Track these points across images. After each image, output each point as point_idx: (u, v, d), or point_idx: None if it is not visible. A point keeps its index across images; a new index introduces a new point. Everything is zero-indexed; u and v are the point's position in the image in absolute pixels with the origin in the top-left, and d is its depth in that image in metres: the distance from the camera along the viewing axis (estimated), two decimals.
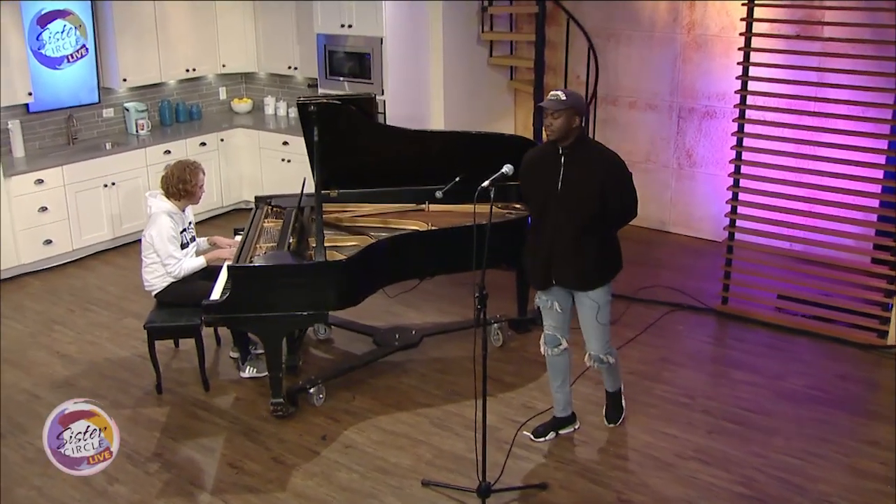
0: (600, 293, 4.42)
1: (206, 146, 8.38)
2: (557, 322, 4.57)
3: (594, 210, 4.22)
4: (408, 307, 6.41)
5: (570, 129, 4.16)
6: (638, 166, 8.12)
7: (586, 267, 4.36)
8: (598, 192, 4.20)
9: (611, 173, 4.23)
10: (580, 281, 4.41)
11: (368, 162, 5.62)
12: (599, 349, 4.56)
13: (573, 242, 4.30)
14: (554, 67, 8.33)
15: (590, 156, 4.26)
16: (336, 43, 7.68)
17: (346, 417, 5.03)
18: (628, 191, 4.34)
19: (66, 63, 7.59)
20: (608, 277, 4.44)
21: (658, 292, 6.65)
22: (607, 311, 4.48)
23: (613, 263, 4.47)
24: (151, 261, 5.29)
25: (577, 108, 4.17)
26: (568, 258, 4.34)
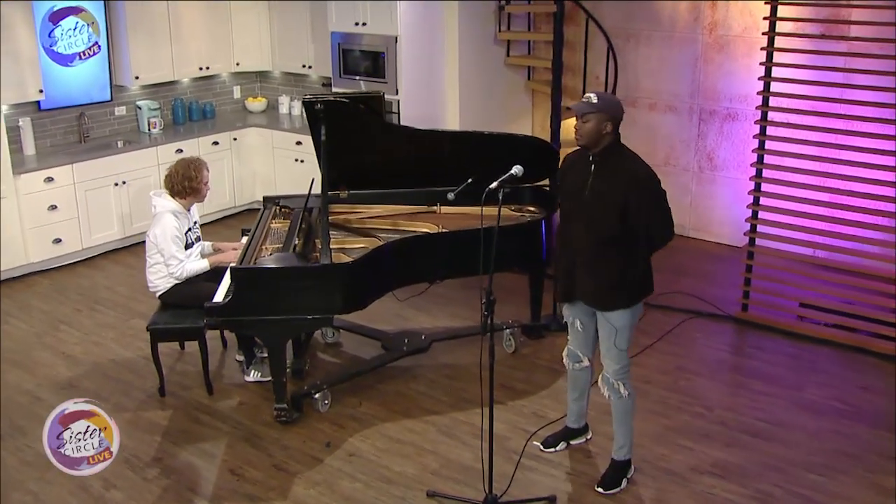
0: (619, 317, 4.07)
1: (219, 145, 8.30)
2: (579, 340, 4.36)
3: (613, 227, 3.91)
4: (419, 311, 6.29)
5: (599, 134, 3.87)
6: (657, 169, 7.72)
7: (604, 286, 4.04)
8: (620, 208, 3.87)
9: (635, 189, 3.86)
10: (596, 299, 4.11)
11: (378, 162, 5.50)
12: (612, 372, 4.22)
13: (592, 257, 4.03)
14: (573, 68, 8.17)
15: (619, 167, 3.92)
16: (350, 41, 7.58)
17: (351, 424, 4.91)
18: (657, 213, 3.95)
19: (78, 60, 7.53)
20: (629, 302, 4.06)
21: (676, 299, 6.48)
22: (626, 337, 4.12)
23: (637, 288, 4.08)
24: (155, 261, 5.20)
25: (609, 113, 3.86)
26: (587, 273, 4.07)
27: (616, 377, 4.21)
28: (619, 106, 3.96)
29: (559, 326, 5.99)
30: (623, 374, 4.22)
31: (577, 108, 3.89)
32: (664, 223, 4.00)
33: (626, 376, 4.23)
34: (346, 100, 4.82)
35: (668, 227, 4.02)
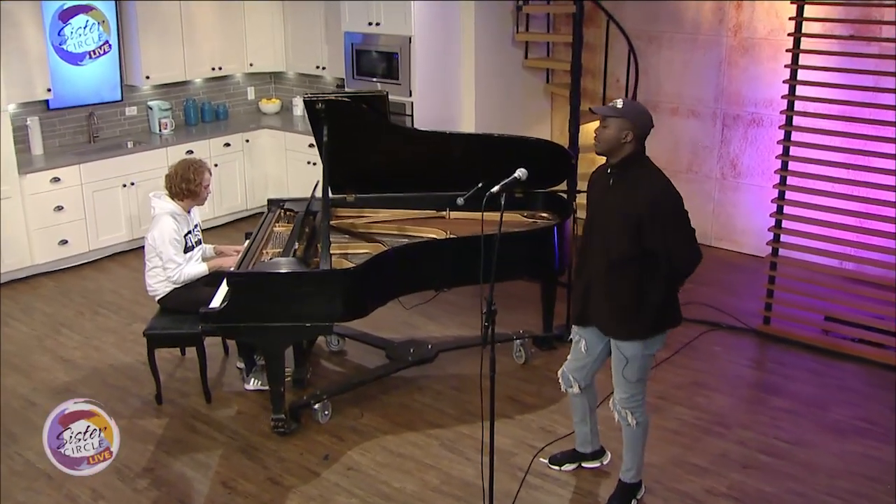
0: (631, 347, 3.76)
1: (231, 147, 8.19)
2: (578, 363, 4.08)
3: (628, 247, 3.63)
4: (428, 319, 6.12)
5: (618, 143, 3.59)
6: (679, 176, 7.73)
7: (617, 312, 3.76)
8: (634, 226, 3.58)
9: (650, 207, 3.55)
10: (609, 326, 3.84)
11: (385, 165, 5.35)
12: (621, 399, 3.94)
13: (607, 279, 3.75)
14: (592, 71, 7.99)
15: (637, 182, 3.62)
16: (363, 42, 7.43)
17: (351, 436, 4.74)
18: (676, 236, 3.63)
19: (88, 59, 7.45)
20: (644, 332, 3.74)
21: (695, 310, 6.25)
22: (636, 369, 3.82)
23: (655, 317, 3.74)
24: (154, 265, 5.07)
25: (633, 122, 3.57)
26: (602, 296, 3.79)
27: (624, 405, 3.94)
28: (647, 117, 3.65)
29: None
30: (632, 403, 3.93)
31: (599, 110, 3.65)
32: (686, 248, 3.67)
33: (636, 406, 3.94)
34: (347, 99, 4.65)
35: (691, 251, 3.69)
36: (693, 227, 3.75)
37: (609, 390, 4.10)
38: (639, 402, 3.94)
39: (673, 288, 3.80)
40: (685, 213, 3.68)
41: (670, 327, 3.84)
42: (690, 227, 3.71)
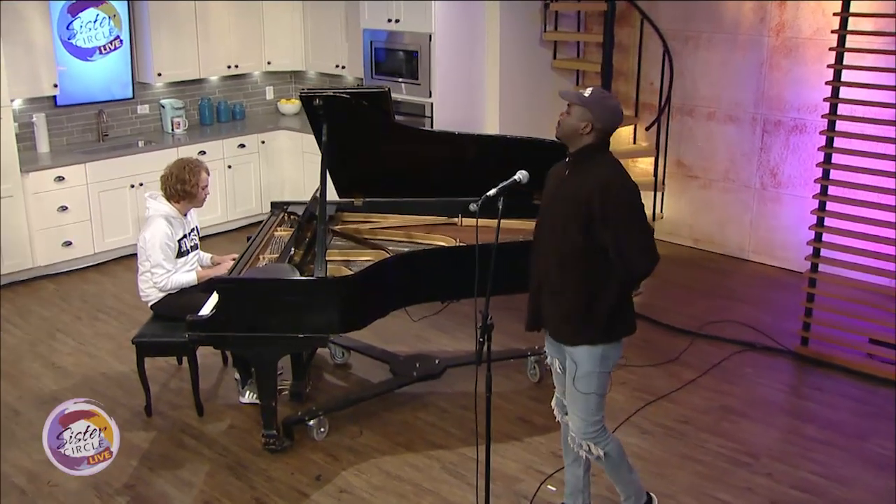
0: (584, 353, 3.48)
1: (245, 148, 8.05)
2: (562, 385, 3.74)
3: (574, 239, 3.37)
4: (440, 332, 5.89)
5: (576, 132, 3.39)
6: (715, 185, 7.44)
7: (564, 313, 3.49)
8: (582, 216, 3.33)
9: (601, 196, 3.30)
10: (556, 329, 3.57)
11: (393, 167, 5.14)
12: (577, 428, 3.58)
13: (555, 277, 3.48)
14: (625, 73, 7.73)
15: (591, 171, 3.39)
16: (382, 40, 7.25)
17: (347, 456, 4.52)
18: (628, 230, 3.33)
19: (98, 55, 7.36)
20: (593, 337, 3.46)
21: (728, 328, 5.97)
22: (592, 381, 3.49)
23: (606, 323, 3.45)
24: (146, 268, 4.92)
25: (594, 114, 3.34)
26: (550, 296, 3.53)
27: (583, 436, 3.58)
28: (612, 112, 3.40)
29: None
30: (591, 432, 3.57)
31: (565, 94, 3.47)
32: (639, 245, 3.36)
33: (596, 434, 3.59)
34: (346, 95, 4.45)
35: (644, 250, 3.37)
36: (650, 225, 3.53)
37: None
38: (598, 429, 3.60)
39: (626, 291, 3.52)
40: (640, 208, 3.40)
41: (625, 335, 3.54)
42: (645, 223, 3.44)
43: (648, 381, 5.28)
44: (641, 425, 4.81)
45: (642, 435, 4.71)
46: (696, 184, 7.59)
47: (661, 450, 4.58)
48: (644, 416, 4.91)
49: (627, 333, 3.54)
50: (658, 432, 4.75)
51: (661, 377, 5.35)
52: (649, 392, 5.16)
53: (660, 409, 4.99)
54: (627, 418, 4.86)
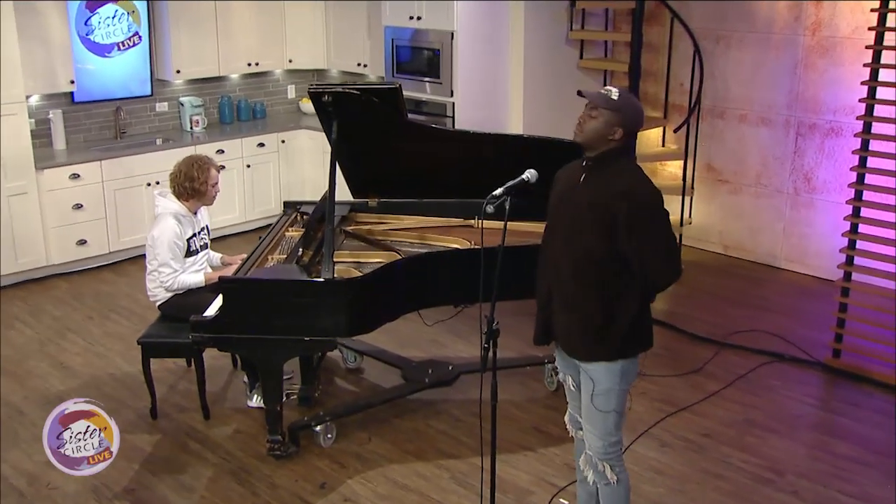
0: (601, 370, 3.30)
1: (265, 147, 8.01)
2: (576, 403, 3.56)
3: (595, 248, 3.19)
4: (456, 337, 5.80)
5: (602, 137, 3.18)
6: (746, 190, 7.27)
7: (581, 328, 3.30)
8: (605, 224, 3.15)
9: (626, 203, 3.12)
10: (571, 344, 3.38)
11: (408, 167, 5.05)
12: (595, 447, 3.41)
13: (571, 289, 3.30)
14: (654, 73, 7.59)
15: (613, 176, 3.20)
16: (404, 37, 7.18)
17: (354, 463, 4.44)
18: (654, 239, 3.18)
19: (117, 51, 7.36)
20: (612, 353, 3.28)
21: (756, 338, 5.81)
22: (611, 399, 3.32)
23: (626, 337, 3.28)
24: (153, 267, 4.87)
25: (625, 118, 3.17)
26: (564, 308, 3.34)
27: (600, 456, 3.41)
28: (641, 114, 3.26)
29: None
30: (610, 452, 3.41)
31: (591, 96, 3.23)
32: (665, 255, 3.22)
33: (614, 455, 3.42)
34: (356, 91, 4.37)
35: (668, 262, 3.23)
36: (675, 235, 3.34)
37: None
38: (616, 450, 3.42)
39: (646, 303, 3.36)
40: (665, 216, 3.23)
41: (642, 350, 3.38)
42: (671, 233, 3.28)
43: (670, 392, 5.14)
44: (661, 438, 4.68)
45: (662, 448, 4.58)
46: (726, 188, 7.42)
47: (681, 464, 4.44)
48: (664, 428, 4.78)
49: (646, 348, 3.37)
50: (678, 445, 4.61)
51: (683, 388, 5.21)
52: (671, 403, 5.02)
53: (681, 422, 4.85)
54: (647, 430, 4.73)
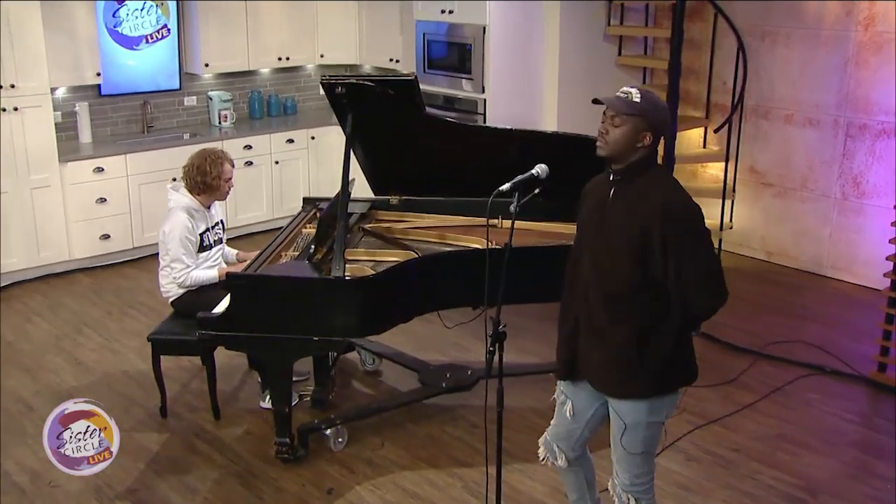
0: (632, 409, 3.08)
1: (294, 144, 8.00)
2: (562, 429, 3.38)
3: (627, 275, 2.97)
4: (480, 341, 5.68)
5: (631, 146, 2.96)
6: (792, 194, 7.08)
7: (613, 362, 3.07)
8: (638, 247, 2.94)
9: (662, 223, 2.89)
10: (602, 380, 3.15)
11: (430, 164, 4.98)
12: (623, 482, 3.23)
13: (600, 319, 3.08)
14: (696, 71, 7.43)
15: (645, 192, 2.97)
16: (436, 32, 7.12)
17: (364, 469, 4.37)
18: (694, 262, 2.92)
19: (145, 44, 7.40)
20: (648, 389, 3.06)
21: (795, 349, 5.63)
22: (640, 438, 3.11)
23: (664, 371, 3.05)
24: (166, 263, 4.86)
25: (651, 120, 2.94)
26: (593, 340, 3.12)
27: (627, 489, 3.22)
28: (667, 112, 3.05)
29: None
30: (638, 487, 3.21)
31: (611, 103, 2.97)
32: (706, 280, 2.95)
33: (642, 490, 3.22)
34: (370, 83, 4.30)
35: (711, 285, 2.97)
36: (717, 256, 3.09)
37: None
38: (646, 485, 3.23)
39: (685, 333, 3.09)
40: (706, 235, 2.97)
41: (684, 385, 3.14)
42: (712, 253, 3.02)
43: (700, 404, 4.99)
44: (688, 451, 4.54)
45: (687, 462, 4.44)
46: (770, 192, 7.23)
47: (707, 479, 4.30)
48: (692, 440, 4.63)
49: (687, 382, 3.15)
50: (705, 460, 4.47)
51: (714, 399, 5.05)
52: (700, 415, 4.87)
53: (710, 435, 4.70)
54: (673, 442, 4.59)
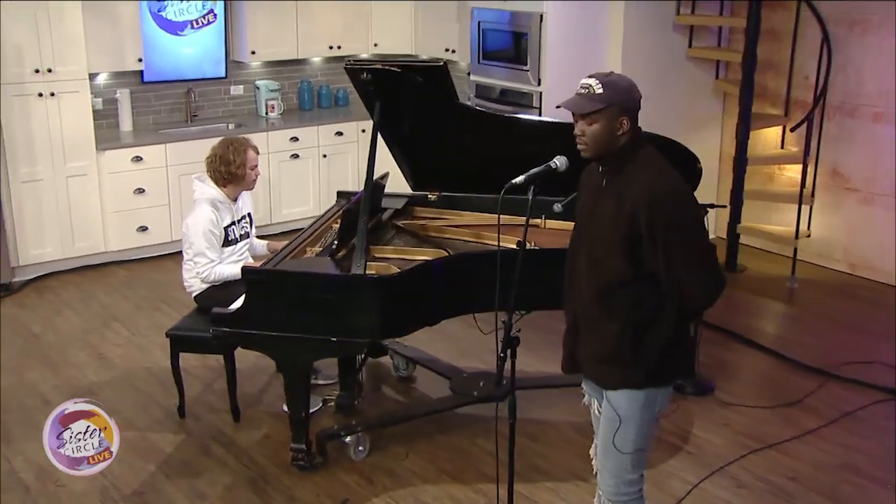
0: (625, 400, 3.03)
1: (343, 136, 8.00)
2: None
3: (617, 267, 2.93)
4: (525, 349, 5.46)
5: (610, 138, 2.89)
6: (879, 200, 6.78)
7: (605, 353, 3.04)
8: (625, 237, 2.88)
9: (647, 207, 2.82)
10: (595, 370, 3.13)
11: (468, 158, 4.89)
12: (607, 487, 3.15)
13: (593, 312, 3.06)
14: (776, 65, 7.18)
15: (631, 175, 2.91)
16: (491, 20, 7.02)
17: (383, 480, 4.30)
18: (683, 252, 2.85)
19: (190, 29, 7.47)
20: (640, 380, 3.01)
21: (873, 371, 5.36)
22: (633, 435, 3.05)
23: (658, 363, 2.99)
24: (189, 256, 4.87)
25: (621, 104, 2.86)
26: (588, 331, 3.10)
27: (614, 497, 3.14)
28: (633, 88, 2.93)
29: (697, 389, 5.11)
30: (627, 497, 3.12)
31: (574, 105, 2.90)
32: (696, 267, 2.88)
33: (628, 500, 3.13)
34: (397, 69, 4.22)
35: (703, 275, 2.89)
36: (710, 243, 2.97)
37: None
38: (634, 494, 3.14)
39: (683, 324, 3.04)
40: (694, 220, 2.91)
41: (678, 377, 3.11)
42: (703, 240, 2.93)
43: (757, 426, 4.78)
44: (738, 477, 4.34)
45: (737, 489, 4.24)
46: (854, 198, 6.93)
47: None
48: (744, 466, 4.43)
49: (682, 376, 3.16)
50: (757, 488, 4.26)
51: (774, 422, 4.84)
52: (756, 438, 4.66)
53: (765, 460, 4.49)
54: (723, 467, 4.40)
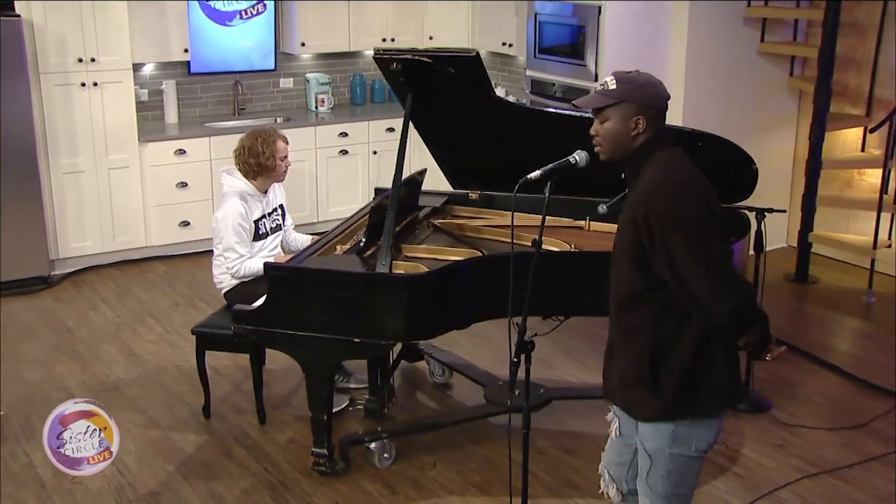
0: (653, 434, 2.85)
1: (394, 132, 7.97)
2: (613, 454, 3.14)
3: (628, 277, 2.80)
4: (569, 357, 5.55)
5: (625, 138, 2.77)
6: None
7: (625, 373, 2.88)
8: (632, 241, 2.75)
9: (643, 205, 2.69)
10: (616, 394, 2.97)
11: (510, 155, 4.78)
12: None
13: (615, 326, 2.92)
14: (858, 61, 6.96)
15: (642, 178, 2.78)
16: (548, 13, 6.96)
17: (407, 489, 4.26)
18: (685, 258, 2.63)
19: (239, 19, 7.54)
20: (666, 410, 2.80)
21: None
22: (664, 474, 2.86)
23: (682, 388, 2.77)
24: (219, 252, 4.90)
25: (637, 102, 2.75)
26: (614, 351, 2.96)
27: None
28: (656, 86, 2.80)
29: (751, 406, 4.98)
30: None
31: (586, 102, 2.83)
32: (704, 275, 2.65)
33: None
34: (428, 59, 4.17)
35: (712, 281, 2.65)
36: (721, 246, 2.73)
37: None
38: None
39: (715, 346, 2.78)
40: (696, 220, 2.67)
41: (717, 409, 2.84)
42: (710, 243, 2.68)
43: (816, 448, 4.62)
44: (788, 502, 4.19)
45: None
46: None
47: None
48: (797, 491, 4.28)
49: (721, 406, 2.86)
50: None
51: (835, 445, 4.66)
52: (813, 462, 4.50)
53: (822, 486, 4.32)
54: (772, 491, 4.25)
